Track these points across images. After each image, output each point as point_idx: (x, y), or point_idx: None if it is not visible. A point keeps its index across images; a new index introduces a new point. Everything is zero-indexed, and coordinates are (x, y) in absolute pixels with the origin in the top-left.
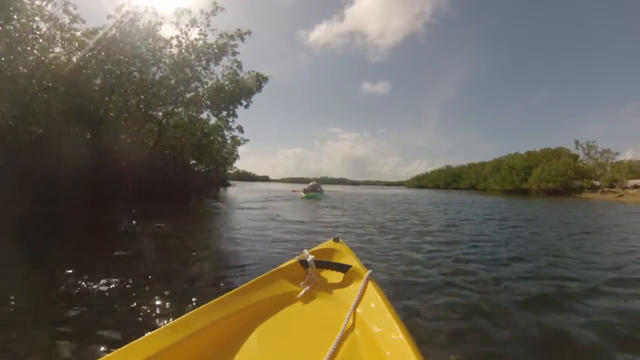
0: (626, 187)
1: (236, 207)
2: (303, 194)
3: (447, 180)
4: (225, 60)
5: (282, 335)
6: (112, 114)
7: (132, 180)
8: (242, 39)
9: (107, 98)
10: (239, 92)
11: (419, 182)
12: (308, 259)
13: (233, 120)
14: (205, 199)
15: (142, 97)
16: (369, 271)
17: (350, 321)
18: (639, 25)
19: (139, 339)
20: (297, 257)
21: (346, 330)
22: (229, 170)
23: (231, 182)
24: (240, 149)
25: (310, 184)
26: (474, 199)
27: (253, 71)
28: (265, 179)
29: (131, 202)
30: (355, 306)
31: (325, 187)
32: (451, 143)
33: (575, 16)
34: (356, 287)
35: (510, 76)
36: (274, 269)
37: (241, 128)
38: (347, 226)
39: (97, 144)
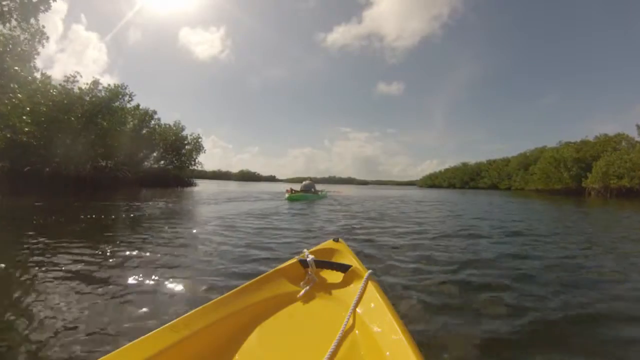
0: None
1: None
2: (287, 195)
3: (464, 179)
4: None
5: (282, 335)
6: None
7: None
8: None
9: None
10: None
11: (432, 182)
12: (308, 259)
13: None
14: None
15: None
16: (369, 271)
17: (350, 321)
18: None
19: (139, 339)
20: (297, 256)
21: (346, 330)
22: (193, 167)
23: (193, 181)
24: (251, 149)
25: (304, 183)
26: (532, 206)
27: None
28: (271, 179)
29: None
30: (355, 306)
31: (329, 188)
32: (460, 142)
33: (589, 17)
34: (356, 287)
35: (520, 76)
36: (274, 269)
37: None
38: None
39: None
